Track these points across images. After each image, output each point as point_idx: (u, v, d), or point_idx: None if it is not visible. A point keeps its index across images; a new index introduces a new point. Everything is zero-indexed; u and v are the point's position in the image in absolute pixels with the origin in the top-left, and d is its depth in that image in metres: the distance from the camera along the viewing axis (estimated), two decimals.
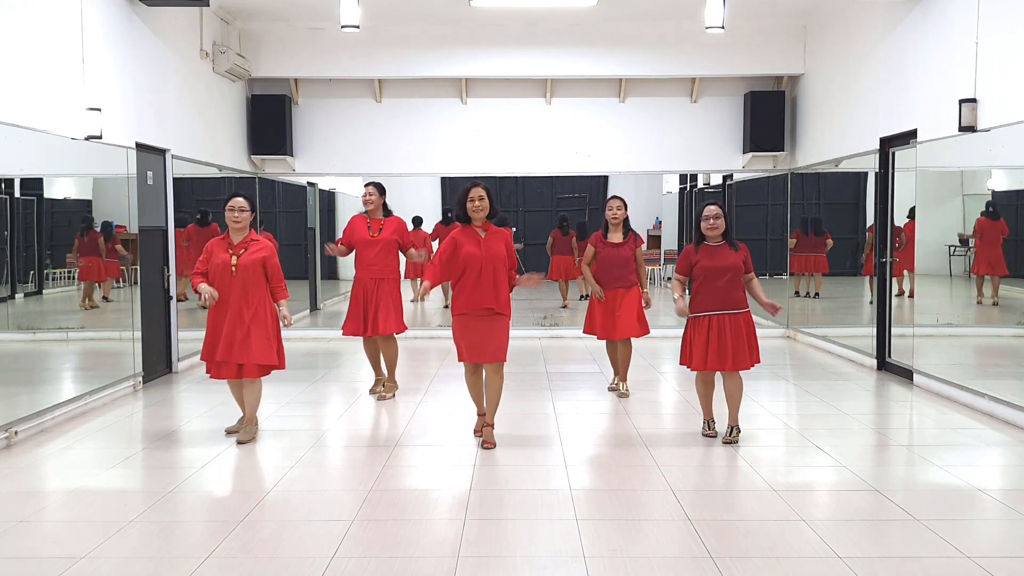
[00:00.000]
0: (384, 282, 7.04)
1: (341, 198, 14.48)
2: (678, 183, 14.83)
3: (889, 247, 8.50)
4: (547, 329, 11.15)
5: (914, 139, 7.88)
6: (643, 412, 6.75)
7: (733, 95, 11.27)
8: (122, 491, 4.95)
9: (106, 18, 7.38)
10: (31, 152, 6.59)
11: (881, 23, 8.60)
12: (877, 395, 7.54)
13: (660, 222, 16.26)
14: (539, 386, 7.79)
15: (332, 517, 4.40)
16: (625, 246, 7.07)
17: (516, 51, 10.70)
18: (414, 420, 6.54)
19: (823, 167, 10.35)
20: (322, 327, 12.30)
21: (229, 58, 9.74)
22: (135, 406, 7.11)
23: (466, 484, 4.93)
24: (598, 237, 7.17)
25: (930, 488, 4.92)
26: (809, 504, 4.62)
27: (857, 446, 5.81)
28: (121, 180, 7.65)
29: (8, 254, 7.02)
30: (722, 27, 8.01)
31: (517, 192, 16.33)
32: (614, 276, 7.04)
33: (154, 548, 4.09)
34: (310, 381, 8.16)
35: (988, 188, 7.90)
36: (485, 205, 5.53)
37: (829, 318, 11.06)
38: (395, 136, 11.28)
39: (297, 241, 12.98)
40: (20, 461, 5.47)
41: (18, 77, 6.16)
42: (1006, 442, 5.85)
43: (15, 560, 3.90)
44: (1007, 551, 4.00)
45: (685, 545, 3.99)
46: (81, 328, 8.16)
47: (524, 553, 3.94)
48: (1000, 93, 6.60)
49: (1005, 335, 7.96)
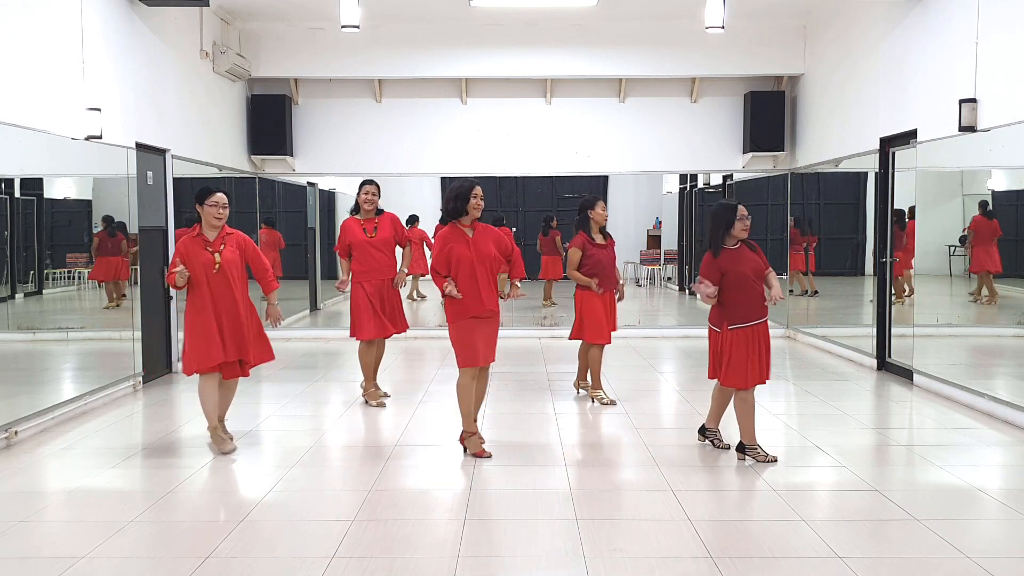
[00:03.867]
0: (388, 281, 7.00)
1: (341, 198, 14.49)
2: (678, 183, 14.84)
3: (889, 247, 8.50)
4: (547, 329, 11.14)
5: (914, 139, 7.88)
6: (643, 412, 6.75)
7: (733, 95, 11.27)
8: (122, 491, 4.95)
9: (106, 18, 7.38)
10: (31, 152, 6.59)
11: (881, 23, 8.61)
12: (877, 395, 7.54)
13: (660, 222, 16.27)
14: (539, 386, 7.79)
15: (332, 517, 4.40)
16: (610, 247, 7.02)
17: (516, 51, 10.70)
18: (414, 420, 6.54)
19: (823, 167, 10.35)
20: (322, 327, 12.31)
21: (229, 58, 9.74)
22: (135, 406, 7.11)
23: (466, 484, 4.93)
24: (585, 239, 6.90)
25: (930, 488, 4.92)
26: (809, 504, 4.61)
27: (857, 446, 5.81)
28: (121, 180, 7.65)
29: (8, 254, 7.02)
30: (722, 27, 8.01)
31: (517, 192, 16.35)
32: (610, 276, 6.96)
33: (154, 548, 4.09)
34: (310, 381, 8.16)
35: (988, 188, 7.90)
36: (483, 204, 5.51)
37: (829, 318, 11.06)
38: (395, 136, 11.29)
39: (297, 241, 12.99)
40: (20, 461, 5.48)
41: (18, 77, 6.16)
42: (1006, 442, 5.85)
43: (15, 560, 3.90)
44: (1007, 551, 4.00)
45: (685, 545, 3.99)
46: (81, 328, 8.16)
47: (524, 553, 3.94)
48: (1000, 93, 6.60)
49: (1005, 335, 7.97)
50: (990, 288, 7.93)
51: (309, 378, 8.32)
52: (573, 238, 6.95)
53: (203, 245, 5.53)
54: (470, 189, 5.41)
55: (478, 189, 5.45)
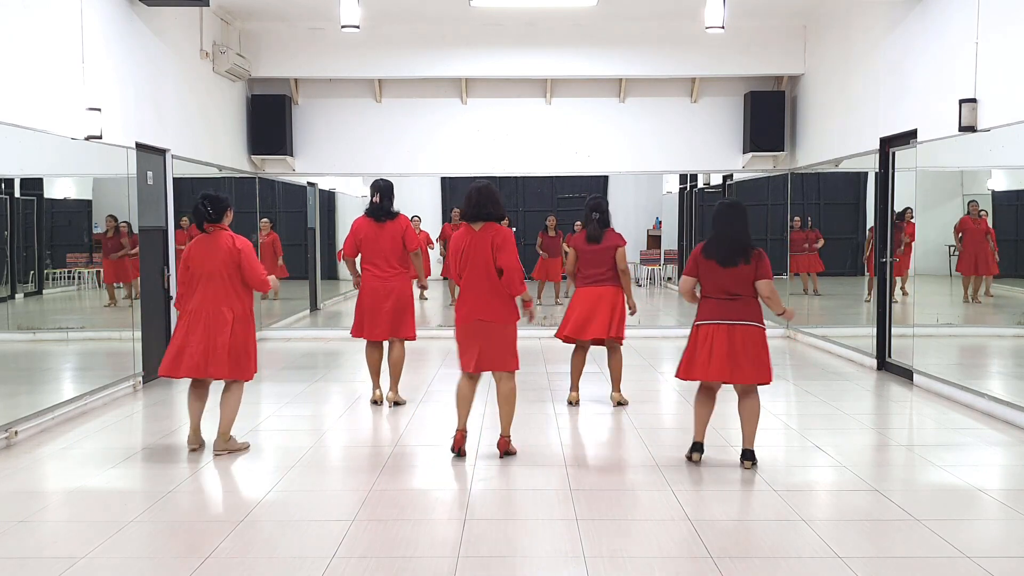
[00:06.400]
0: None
1: (341, 198, 14.50)
2: (678, 183, 14.85)
3: (889, 247, 8.50)
4: (547, 329, 11.12)
5: (914, 139, 7.88)
6: (643, 412, 6.75)
7: (733, 95, 11.27)
8: (122, 491, 4.95)
9: (106, 18, 7.38)
10: (31, 152, 6.59)
11: (881, 23, 8.60)
12: (877, 395, 7.54)
13: (660, 222, 16.28)
14: (539, 386, 7.79)
15: (332, 517, 4.40)
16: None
17: (516, 51, 10.70)
18: (414, 420, 6.54)
19: (823, 167, 10.35)
20: (322, 327, 12.31)
21: (229, 58, 9.73)
22: (135, 406, 7.11)
23: (466, 484, 4.93)
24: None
25: (930, 488, 4.92)
26: (809, 504, 4.61)
27: (857, 446, 5.81)
28: (121, 180, 7.65)
29: (8, 254, 7.03)
30: (722, 27, 8.02)
31: (517, 192, 16.37)
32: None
33: (154, 548, 4.09)
34: (310, 381, 8.16)
35: (988, 188, 7.91)
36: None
37: (829, 318, 11.06)
38: (395, 136, 11.28)
39: (297, 241, 12.99)
40: (20, 461, 5.47)
41: (18, 77, 6.16)
42: (1006, 442, 5.85)
43: (15, 560, 3.90)
44: (1007, 551, 4.00)
45: (685, 545, 3.99)
46: (81, 328, 8.16)
47: (524, 553, 3.94)
48: (1000, 93, 6.60)
49: (1005, 335, 7.97)
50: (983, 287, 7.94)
51: (309, 378, 8.32)
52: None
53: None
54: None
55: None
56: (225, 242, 5.45)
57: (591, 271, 6.69)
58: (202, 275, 5.44)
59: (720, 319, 5.07)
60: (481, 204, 5.25)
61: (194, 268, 5.47)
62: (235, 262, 5.44)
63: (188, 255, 5.51)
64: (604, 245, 6.66)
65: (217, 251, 5.44)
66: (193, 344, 5.38)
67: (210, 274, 5.42)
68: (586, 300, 6.67)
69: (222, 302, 5.42)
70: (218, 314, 5.41)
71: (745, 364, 5.02)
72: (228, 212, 5.54)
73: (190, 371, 5.41)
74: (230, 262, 5.43)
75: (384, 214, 6.80)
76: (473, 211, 5.27)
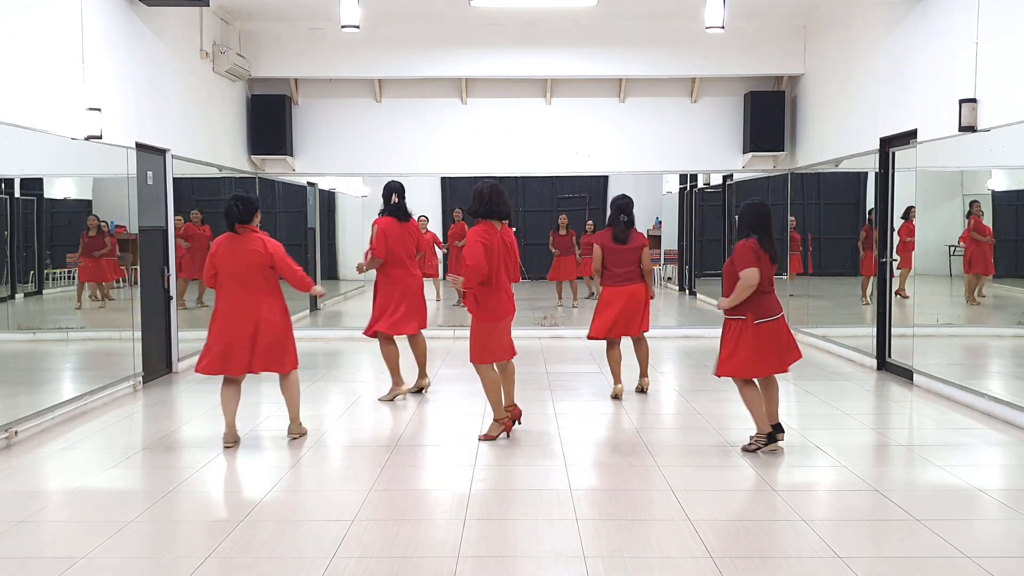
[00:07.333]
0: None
1: (341, 198, 14.49)
2: (678, 183, 14.84)
3: (889, 247, 8.50)
4: (547, 329, 11.14)
5: (914, 139, 7.88)
6: (643, 412, 6.75)
7: (733, 95, 11.27)
8: (122, 491, 4.95)
9: (106, 18, 7.38)
10: (31, 152, 6.59)
11: (881, 23, 8.60)
12: (877, 395, 7.54)
13: (660, 222, 16.26)
14: (539, 386, 7.79)
15: (332, 517, 4.40)
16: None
17: (516, 51, 10.70)
18: (414, 420, 6.54)
19: (823, 167, 10.35)
20: (322, 327, 12.31)
21: (229, 58, 9.73)
22: (135, 406, 7.11)
23: (466, 484, 4.93)
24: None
25: (930, 488, 4.93)
26: (809, 504, 4.62)
27: (857, 446, 5.81)
28: (121, 180, 7.65)
29: (8, 254, 7.03)
30: (722, 27, 8.01)
31: (517, 192, 16.35)
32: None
33: (154, 548, 4.09)
34: (310, 381, 8.16)
35: (988, 188, 7.91)
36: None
37: (829, 318, 11.05)
38: (395, 136, 11.28)
39: (297, 241, 12.98)
40: (20, 461, 5.47)
41: (18, 77, 6.16)
42: (1006, 442, 5.85)
43: (15, 560, 3.90)
44: (1007, 551, 4.00)
45: (685, 545, 3.99)
46: (81, 328, 8.16)
47: (524, 553, 3.94)
48: (1000, 93, 6.60)
49: (1005, 335, 7.97)
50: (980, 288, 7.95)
51: (309, 378, 8.32)
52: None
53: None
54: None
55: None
56: (256, 244, 5.59)
57: (619, 270, 6.95)
58: (231, 275, 5.56)
59: (779, 313, 5.43)
60: (502, 203, 5.76)
61: (222, 268, 5.58)
62: (267, 264, 5.60)
63: (216, 254, 5.60)
64: (632, 245, 6.99)
65: (247, 252, 5.57)
66: (242, 343, 5.56)
67: (239, 274, 5.56)
68: (620, 299, 6.94)
69: (261, 301, 5.60)
70: (260, 313, 5.59)
71: (791, 352, 5.52)
72: (257, 213, 5.66)
73: (243, 369, 5.63)
74: (262, 263, 5.59)
75: (406, 214, 7.16)
76: (502, 209, 5.73)
